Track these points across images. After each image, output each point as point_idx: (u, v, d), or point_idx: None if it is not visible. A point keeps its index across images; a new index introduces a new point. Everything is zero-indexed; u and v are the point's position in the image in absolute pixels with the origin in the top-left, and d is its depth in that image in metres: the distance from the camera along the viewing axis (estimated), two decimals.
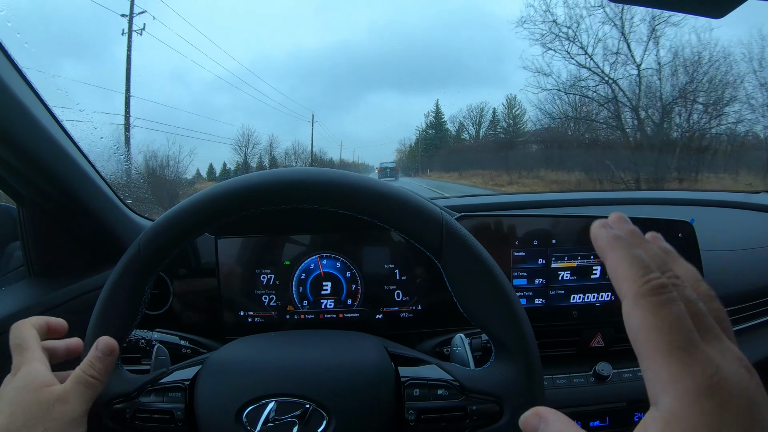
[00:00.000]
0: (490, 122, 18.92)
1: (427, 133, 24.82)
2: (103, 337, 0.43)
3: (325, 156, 22.48)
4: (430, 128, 24.96)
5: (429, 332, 0.76)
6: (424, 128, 25.46)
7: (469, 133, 20.45)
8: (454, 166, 17.37)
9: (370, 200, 0.42)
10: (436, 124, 24.81)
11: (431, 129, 24.85)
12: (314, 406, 0.42)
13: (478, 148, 17.57)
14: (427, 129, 25.17)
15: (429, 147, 23.59)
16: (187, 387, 0.45)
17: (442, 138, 23.32)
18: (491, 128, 18.70)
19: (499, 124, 18.40)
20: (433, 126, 24.99)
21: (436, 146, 22.89)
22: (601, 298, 0.76)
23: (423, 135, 25.02)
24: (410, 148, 27.30)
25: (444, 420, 0.43)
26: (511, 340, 0.42)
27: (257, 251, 0.77)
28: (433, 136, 24.17)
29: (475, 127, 19.86)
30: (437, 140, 23.40)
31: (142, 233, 0.45)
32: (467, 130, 20.52)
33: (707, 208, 1.06)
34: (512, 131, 17.09)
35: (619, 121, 9.50)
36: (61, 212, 0.72)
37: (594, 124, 10.03)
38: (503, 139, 16.74)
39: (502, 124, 18.29)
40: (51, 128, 0.64)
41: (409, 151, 27.38)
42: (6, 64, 0.58)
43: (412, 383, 0.44)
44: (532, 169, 11.67)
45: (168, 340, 0.64)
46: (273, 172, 0.43)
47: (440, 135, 23.68)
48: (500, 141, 16.60)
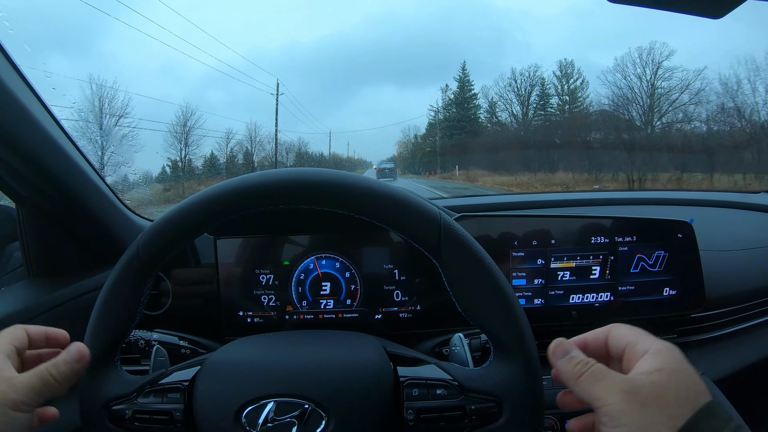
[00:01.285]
0: (538, 99, 13.31)
1: (448, 113, 18.19)
2: (76, 343, 0.44)
3: (308, 148, 18.42)
4: (451, 106, 18.22)
5: (428, 333, 0.76)
6: (442, 106, 19.00)
7: (512, 112, 14.66)
8: (496, 162, 12.62)
9: (367, 200, 0.42)
10: (459, 100, 17.88)
11: (452, 107, 18.14)
12: (313, 407, 0.42)
13: (533, 136, 12.46)
14: (447, 107, 18.49)
15: (451, 132, 17.58)
16: (186, 388, 0.45)
17: (470, 120, 17.18)
18: (540, 106, 13.67)
19: (549, 102, 13.39)
20: (456, 102, 18.16)
21: (462, 130, 16.92)
22: (601, 299, 0.76)
23: (444, 114, 18.34)
24: (417, 140, 21.16)
25: (443, 419, 0.43)
26: (510, 339, 0.42)
27: (256, 251, 0.77)
28: (456, 117, 17.90)
29: (521, 104, 14.48)
30: (464, 122, 17.32)
31: (141, 234, 0.45)
32: (509, 106, 15.07)
33: (706, 208, 1.06)
34: (569, 111, 12.75)
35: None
36: (60, 213, 0.72)
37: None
38: (561, 123, 12.21)
39: (554, 100, 13.35)
40: (50, 128, 0.64)
41: (414, 144, 21.46)
42: (5, 65, 0.58)
43: (410, 383, 0.44)
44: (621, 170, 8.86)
45: (167, 340, 0.64)
46: (271, 173, 0.43)
47: (466, 114, 17.46)
48: (559, 125, 11.94)
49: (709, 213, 1.04)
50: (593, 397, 0.37)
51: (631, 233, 0.76)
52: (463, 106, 18.07)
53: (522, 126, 14.33)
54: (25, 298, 0.68)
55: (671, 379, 0.35)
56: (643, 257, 0.76)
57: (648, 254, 0.76)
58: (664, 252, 0.76)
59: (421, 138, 21.36)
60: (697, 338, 0.83)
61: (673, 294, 0.77)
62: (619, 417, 0.34)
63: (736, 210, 1.06)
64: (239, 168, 14.50)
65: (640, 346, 0.38)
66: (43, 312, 0.66)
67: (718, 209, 1.06)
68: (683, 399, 0.34)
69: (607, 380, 0.36)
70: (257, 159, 15.14)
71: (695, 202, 1.08)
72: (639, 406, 0.34)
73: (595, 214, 0.78)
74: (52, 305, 0.68)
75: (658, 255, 0.76)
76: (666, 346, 0.38)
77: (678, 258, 0.77)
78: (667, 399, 0.34)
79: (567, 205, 1.03)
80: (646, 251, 0.76)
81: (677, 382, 0.35)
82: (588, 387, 0.37)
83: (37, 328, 0.45)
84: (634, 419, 0.34)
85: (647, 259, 0.76)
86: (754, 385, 0.86)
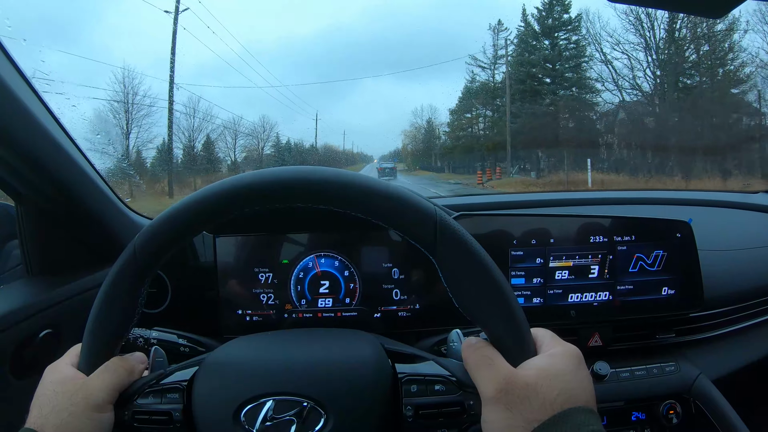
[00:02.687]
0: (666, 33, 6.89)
1: (523, 59, 10.42)
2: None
3: (303, 143, 16.59)
4: (523, 50, 10.45)
5: (427, 331, 0.76)
6: (499, 57, 11.08)
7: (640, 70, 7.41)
8: (620, 158, 7.45)
9: (363, 197, 0.42)
10: (542, 30, 10.10)
11: (525, 50, 10.36)
12: (312, 404, 0.42)
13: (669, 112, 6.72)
14: (518, 52, 10.74)
15: (527, 96, 9.94)
16: (185, 388, 0.45)
17: (564, 72, 9.24)
18: (676, 53, 7.32)
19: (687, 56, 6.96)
20: (531, 37, 10.41)
21: (549, 92, 9.45)
22: (599, 298, 0.76)
23: (516, 56, 10.65)
24: (433, 125, 14.08)
25: (441, 415, 0.43)
26: (507, 334, 0.42)
27: (256, 250, 0.77)
28: (534, 62, 9.93)
29: (649, 52, 7.70)
30: (555, 75, 9.67)
31: (138, 235, 0.44)
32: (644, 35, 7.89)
33: (705, 207, 1.06)
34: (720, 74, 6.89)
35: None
36: (59, 211, 0.72)
37: None
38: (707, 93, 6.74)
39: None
40: (49, 126, 0.64)
41: (427, 130, 14.30)
42: (6, 64, 0.57)
43: (409, 379, 0.45)
44: None
45: (166, 338, 0.64)
46: (267, 171, 0.43)
47: (557, 61, 9.43)
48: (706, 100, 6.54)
49: (707, 213, 1.05)
50: (476, 382, 0.39)
51: (630, 233, 0.76)
52: (549, 33, 10.17)
53: (658, 93, 8.28)
54: (24, 296, 0.68)
55: (547, 383, 0.36)
56: (642, 257, 0.76)
57: (647, 254, 0.76)
58: (662, 251, 0.76)
59: (454, 114, 13.53)
60: (696, 338, 0.83)
61: (672, 293, 0.77)
62: (486, 414, 0.37)
63: (735, 210, 1.07)
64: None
65: (545, 346, 0.40)
66: (42, 310, 0.67)
67: (717, 209, 1.06)
68: (549, 403, 0.35)
69: (490, 369, 0.38)
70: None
71: (694, 201, 1.08)
72: (504, 407, 0.36)
73: (594, 213, 0.78)
74: (50, 303, 0.68)
75: (656, 254, 0.76)
76: (564, 350, 0.39)
77: (677, 257, 0.77)
78: (534, 402, 0.35)
79: (566, 204, 1.03)
80: (645, 251, 0.76)
81: (552, 385, 0.36)
82: (473, 370, 0.40)
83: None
84: (497, 419, 0.36)
85: (646, 259, 0.76)
86: (753, 384, 0.86)
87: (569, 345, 0.40)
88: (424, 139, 16.07)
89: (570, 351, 0.39)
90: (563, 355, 0.38)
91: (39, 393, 0.43)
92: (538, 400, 0.35)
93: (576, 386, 0.36)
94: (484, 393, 0.38)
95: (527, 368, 0.38)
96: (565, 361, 0.38)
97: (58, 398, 0.42)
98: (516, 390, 0.36)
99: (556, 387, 0.36)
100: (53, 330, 0.67)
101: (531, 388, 0.36)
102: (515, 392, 0.36)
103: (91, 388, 0.42)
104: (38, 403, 0.42)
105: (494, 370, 0.38)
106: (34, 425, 0.40)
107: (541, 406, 0.35)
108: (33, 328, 0.65)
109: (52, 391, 0.42)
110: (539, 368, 0.37)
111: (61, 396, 0.42)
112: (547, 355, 0.39)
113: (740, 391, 0.79)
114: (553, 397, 0.35)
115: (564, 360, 0.38)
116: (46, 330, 0.66)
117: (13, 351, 0.63)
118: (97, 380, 0.43)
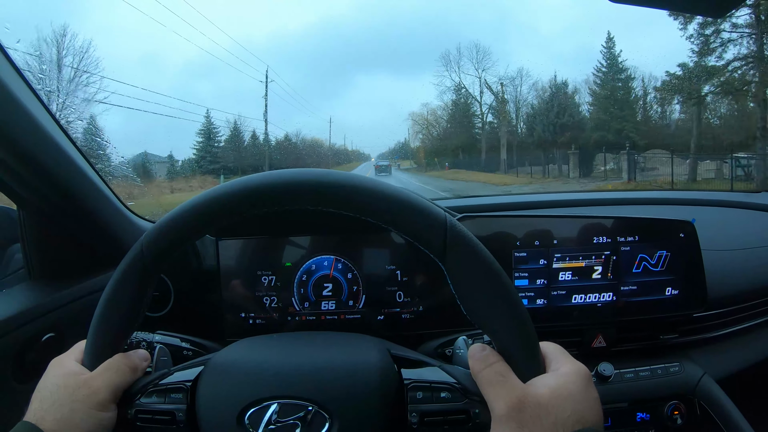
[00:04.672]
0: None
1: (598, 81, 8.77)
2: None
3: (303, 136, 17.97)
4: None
5: (430, 333, 0.76)
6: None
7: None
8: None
9: (372, 202, 0.41)
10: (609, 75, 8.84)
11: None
12: (317, 408, 0.42)
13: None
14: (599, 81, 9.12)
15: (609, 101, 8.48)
16: (188, 388, 0.45)
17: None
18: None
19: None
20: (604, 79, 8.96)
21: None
22: (603, 299, 0.76)
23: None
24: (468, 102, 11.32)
25: (447, 423, 0.43)
26: (516, 344, 0.42)
27: (258, 253, 0.77)
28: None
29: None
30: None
31: (145, 234, 0.44)
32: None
33: (708, 207, 1.06)
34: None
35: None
36: (61, 214, 0.72)
37: None
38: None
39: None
40: (51, 130, 0.64)
41: (453, 109, 11.67)
42: (5, 65, 0.57)
43: (415, 386, 0.44)
44: None
45: (169, 341, 0.64)
46: (274, 174, 0.43)
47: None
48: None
49: (710, 213, 1.04)
50: (487, 398, 0.39)
51: (633, 233, 0.76)
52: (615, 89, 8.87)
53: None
54: (26, 300, 0.68)
55: (560, 403, 0.36)
56: (645, 257, 0.76)
57: (650, 254, 0.76)
58: (666, 252, 0.76)
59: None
60: (700, 338, 0.83)
61: (676, 294, 0.77)
62: (497, 430, 0.37)
63: (738, 209, 1.06)
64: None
65: (554, 363, 0.40)
66: (44, 314, 0.66)
67: (720, 209, 1.06)
68: (561, 424, 0.35)
69: (503, 386, 0.38)
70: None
71: (697, 201, 1.08)
72: (516, 426, 0.36)
73: (597, 214, 0.78)
74: (53, 307, 0.68)
75: (660, 255, 0.76)
76: (573, 369, 0.39)
77: (680, 258, 0.76)
78: (546, 421, 0.36)
79: (569, 205, 1.03)
80: (648, 251, 0.76)
81: (564, 406, 0.36)
82: (485, 386, 0.39)
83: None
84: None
85: (649, 259, 0.76)
86: (757, 384, 0.86)
87: (578, 364, 0.40)
88: (461, 119, 11.54)
89: (580, 371, 0.39)
90: (575, 374, 0.39)
91: (41, 386, 0.44)
92: (549, 420, 0.36)
93: (586, 407, 0.37)
94: (496, 410, 0.38)
95: (539, 387, 0.38)
96: (576, 382, 0.38)
97: (59, 392, 0.42)
98: (528, 409, 0.36)
99: (568, 408, 0.36)
100: (56, 334, 0.67)
101: (543, 407, 0.36)
102: (528, 411, 0.36)
103: (94, 386, 0.42)
104: (39, 396, 0.42)
105: (507, 387, 0.38)
106: (33, 418, 0.41)
107: (553, 426, 0.35)
108: (35, 332, 0.65)
109: (54, 384, 0.43)
110: (551, 388, 0.37)
111: (63, 390, 0.42)
112: (558, 375, 0.39)
113: (745, 391, 0.78)
114: (564, 418, 0.36)
115: (575, 380, 0.38)
116: (48, 334, 0.66)
117: (15, 355, 0.62)
118: (100, 377, 0.43)
